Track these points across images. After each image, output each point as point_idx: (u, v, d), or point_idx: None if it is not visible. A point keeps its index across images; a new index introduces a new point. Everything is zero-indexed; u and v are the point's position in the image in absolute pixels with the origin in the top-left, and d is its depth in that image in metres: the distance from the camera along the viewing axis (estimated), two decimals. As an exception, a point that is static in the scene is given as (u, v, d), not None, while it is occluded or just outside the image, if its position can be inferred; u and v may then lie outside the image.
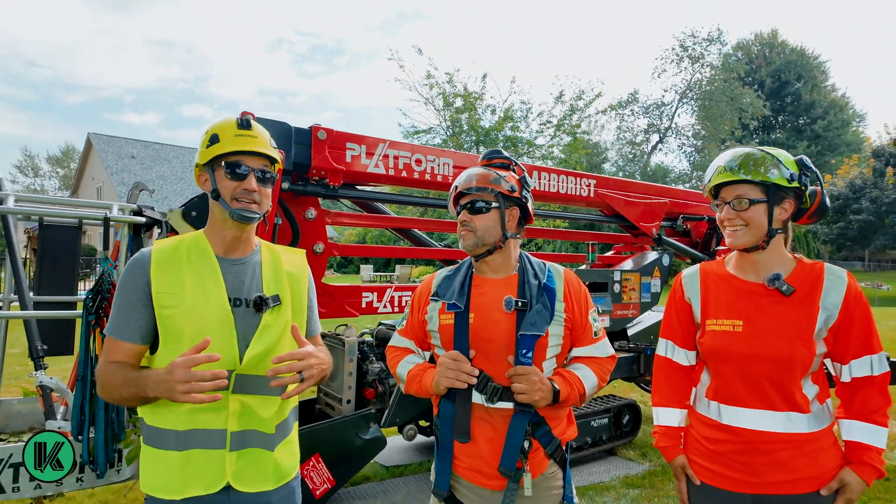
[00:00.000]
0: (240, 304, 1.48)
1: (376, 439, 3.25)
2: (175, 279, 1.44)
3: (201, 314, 1.42)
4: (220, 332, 1.42)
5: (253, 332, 1.48)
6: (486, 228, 1.70)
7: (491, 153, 1.88)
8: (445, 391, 1.65)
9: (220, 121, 1.54)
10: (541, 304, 1.66)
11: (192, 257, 1.48)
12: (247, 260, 1.56)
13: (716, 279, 1.71)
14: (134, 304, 1.42)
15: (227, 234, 1.52)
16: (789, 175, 1.55)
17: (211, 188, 1.49)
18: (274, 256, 1.62)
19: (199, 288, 1.44)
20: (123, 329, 1.42)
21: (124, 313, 1.43)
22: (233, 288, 1.49)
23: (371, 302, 3.62)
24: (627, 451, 4.49)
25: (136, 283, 1.43)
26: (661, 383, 1.81)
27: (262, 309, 1.49)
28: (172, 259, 1.46)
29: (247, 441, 1.45)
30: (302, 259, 1.71)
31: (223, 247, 1.53)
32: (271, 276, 1.57)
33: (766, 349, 1.54)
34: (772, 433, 1.54)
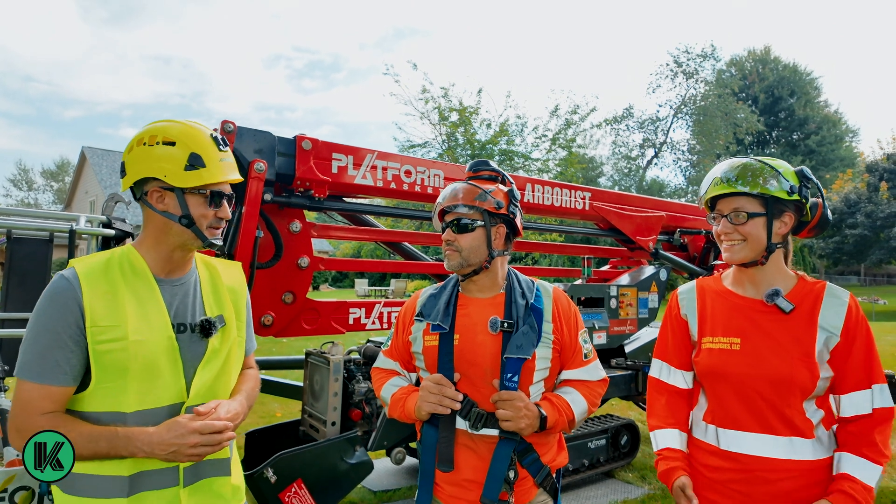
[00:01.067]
0: (184, 330, 1.36)
1: (363, 463, 3.10)
2: (113, 307, 1.26)
3: (146, 345, 1.27)
4: (166, 363, 1.31)
5: (199, 359, 1.37)
6: (472, 248, 1.60)
7: (477, 164, 1.78)
8: (428, 416, 1.54)
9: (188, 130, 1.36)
10: (527, 325, 1.56)
11: (127, 279, 1.31)
12: (186, 279, 1.43)
13: (713, 295, 1.61)
14: (64, 341, 1.22)
15: (176, 256, 1.39)
16: (789, 187, 1.45)
17: (180, 213, 1.33)
18: (212, 272, 1.50)
19: (140, 316, 1.29)
20: (54, 372, 1.22)
21: (52, 353, 1.22)
22: (175, 313, 1.36)
23: (359, 318, 3.49)
24: (626, 474, 4.32)
25: (65, 318, 1.23)
26: (655, 406, 1.69)
27: (210, 333, 1.38)
28: (105, 282, 1.28)
29: (200, 472, 1.36)
30: (239, 272, 1.60)
31: (166, 268, 1.39)
32: (212, 295, 1.46)
33: (764, 369, 1.43)
34: (773, 460, 1.42)
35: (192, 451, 1.25)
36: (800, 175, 1.50)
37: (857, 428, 1.42)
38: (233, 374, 1.46)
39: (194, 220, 1.35)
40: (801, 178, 1.49)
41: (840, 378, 1.43)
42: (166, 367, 1.31)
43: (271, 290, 3.00)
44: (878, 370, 1.43)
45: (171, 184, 1.32)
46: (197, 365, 1.36)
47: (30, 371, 1.22)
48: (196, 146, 1.34)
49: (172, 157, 1.32)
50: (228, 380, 1.45)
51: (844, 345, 1.41)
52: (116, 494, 1.25)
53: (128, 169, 1.35)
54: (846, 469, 1.40)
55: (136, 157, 1.34)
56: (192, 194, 1.34)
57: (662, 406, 1.66)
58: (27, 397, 1.22)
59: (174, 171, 1.31)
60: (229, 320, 1.45)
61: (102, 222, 2.56)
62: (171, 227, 1.35)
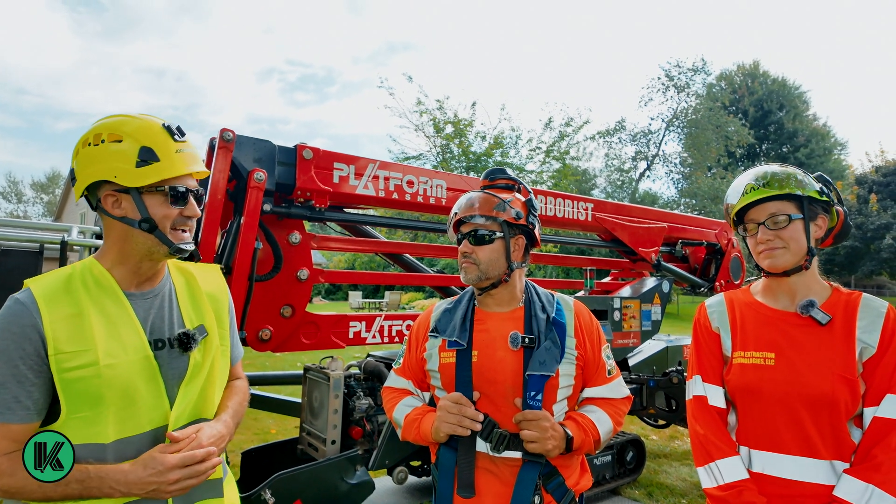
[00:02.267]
0: (162, 346, 1.24)
1: (364, 483, 2.98)
2: (79, 330, 1.13)
3: (121, 368, 1.15)
4: (144, 385, 1.18)
5: (181, 377, 1.25)
6: (490, 261, 1.53)
7: (493, 172, 1.70)
8: (446, 438, 1.45)
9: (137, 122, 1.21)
10: (550, 340, 1.48)
11: (93, 297, 1.17)
12: (159, 290, 1.29)
13: (742, 307, 1.53)
14: (23, 373, 1.09)
15: (145, 266, 1.25)
16: (819, 188, 1.41)
17: (139, 216, 1.19)
18: (188, 278, 1.37)
19: (111, 336, 1.16)
20: (12, 408, 1.09)
21: (9, 387, 1.09)
22: (151, 328, 1.24)
23: (359, 332, 3.39)
24: (632, 491, 4.22)
25: (22, 348, 1.09)
26: (710, 429, 1.47)
27: (190, 347, 1.25)
28: (67, 303, 1.14)
29: (192, 497, 1.24)
30: (218, 275, 1.46)
31: (134, 281, 1.25)
32: (190, 303, 1.33)
33: (802, 386, 1.34)
34: (814, 485, 1.32)
35: (174, 486, 1.15)
36: (820, 179, 1.48)
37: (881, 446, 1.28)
38: (218, 388, 1.34)
39: (156, 222, 1.20)
40: (822, 181, 1.47)
41: (870, 386, 1.34)
42: (145, 389, 1.18)
43: (270, 303, 2.90)
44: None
45: (124, 184, 1.17)
46: (180, 383, 1.24)
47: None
48: (146, 139, 1.19)
49: (121, 153, 1.17)
50: (214, 395, 1.33)
51: (878, 356, 1.33)
52: None
53: (77, 175, 1.21)
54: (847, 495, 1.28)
55: (84, 160, 1.20)
56: (149, 193, 1.20)
57: (719, 430, 1.47)
58: None
59: (125, 170, 1.17)
60: (211, 330, 1.32)
61: (95, 233, 2.45)
62: (133, 234, 1.21)
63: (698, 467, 1.48)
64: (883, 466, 1.26)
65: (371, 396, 3.30)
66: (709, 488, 1.43)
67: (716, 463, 1.43)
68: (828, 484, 1.32)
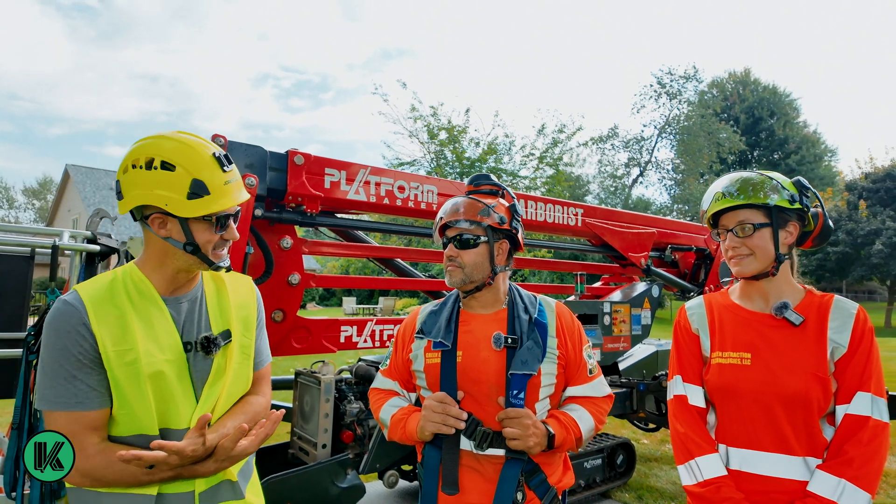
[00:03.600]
0: (190, 349, 1.32)
1: (355, 487, 2.99)
2: (123, 331, 1.22)
3: (158, 366, 1.24)
4: (178, 383, 1.27)
5: (205, 379, 1.33)
6: (475, 264, 1.57)
7: (478, 178, 1.75)
8: (431, 437, 1.48)
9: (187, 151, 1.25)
10: (532, 340, 1.52)
11: (134, 301, 1.26)
12: (191, 295, 1.38)
13: (721, 309, 1.57)
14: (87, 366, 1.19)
15: (181, 276, 1.35)
16: (790, 196, 1.46)
17: (184, 240, 1.27)
18: (218, 286, 1.45)
19: (150, 337, 1.25)
20: (90, 396, 1.19)
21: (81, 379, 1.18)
22: (183, 330, 1.32)
23: (350, 336, 3.41)
24: (623, 494, 4.25)
25: (79, 344, 1.19)
26: (691, 428, 1.51)
27: (212, 350, 1.33)
28: (112, 306, 1.23)
29: (216, 497, 1.32)
30: (249, 284, 1.54)
31: (170, 287, 1.34)
32: (217, 309, 1.40)
33: (778, 386, 1.39)
34: (788, 480, 1.36)
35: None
36: (797, 185, 1.51)
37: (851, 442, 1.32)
38: (237, 393, 1.41)
39: (200, 247, 1.29)
40: (798, 187, 1.50)
41: (840, 385, 1.38)
42: (178, 387, 1.27)
43: (261, 307, 2.92)
44: (879, 383, 1.36)
45: (175, 213, 1.25)
46: (204, 385, 1.32)
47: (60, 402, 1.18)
48: (197, 171, 1.24)
49: (172, 184, 1.22)
50: (234, 399, 1.40)
51: (848, 355, 1.38)
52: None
53: (124, 193, 1.27)
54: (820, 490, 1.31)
55: (133, 182, 1.25)
56: (196, 221, 1.28)
57: (699, 428, 1.51)
58: (67, 431, 1.16)
59: (176, 200, 1.23)
60: (235, 335, 1.38)
61: (87, 238, 2.46)
62: (174, 252, 1.30)
63: (679, 465, 1.51)
64: (854, 462, 1.30)
65: (362, 400, 3.31)
66: (689, 485, 1.47)
67: (695, 460, 1.46)
68: (802, 480, 1.36)
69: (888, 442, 1.34)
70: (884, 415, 1.34)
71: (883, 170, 26.90)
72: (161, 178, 1.22)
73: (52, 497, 2.03)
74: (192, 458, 1.20)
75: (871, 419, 1.33)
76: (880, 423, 1.33)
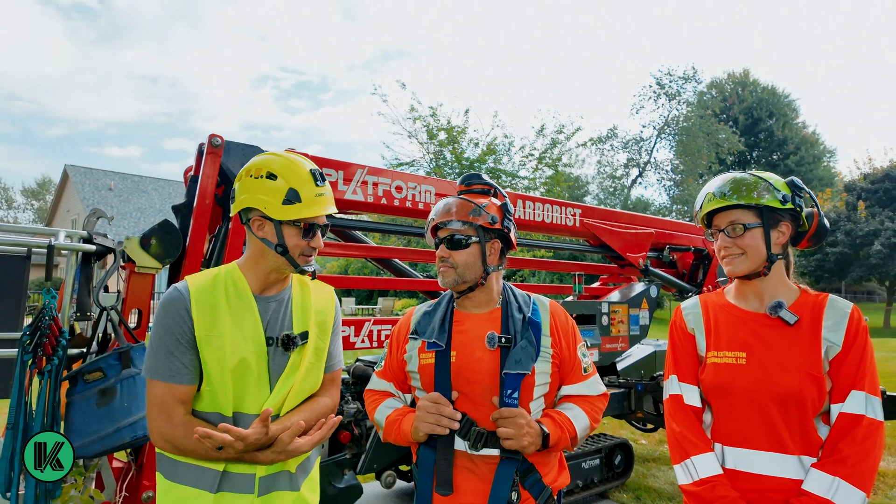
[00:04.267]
0: (272, 344, 1.46)
1: (352, 488, 2.99)
2: (214, 320, 1.40)
3: (240, 353, 1.39)
4: (256, 372, 1.42)
5: (281, 373, 1.46)
6: (467, 265, 1.57)
7: (469, 178, 1.75)
8: (425, 438, 1.48)
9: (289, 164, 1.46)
10: (525, 339, 1.51)
11: (229, 295, 1.45)
12: (280, 296, 1.53)
13: (716, 309, 1.58)
14: (184, 345, 1.37)
15: (273, 277, 1.51)
16: (782, 196, 1.46)
17: (276, 241, 1.45)
18: (304, 291, 1.59)
19: (237, 328, 1.41)
20: (182, 372, 1.37)
21: (177, 356, 1.37)
22: (268, 326, 1.47)
23: (347, 336, 3.40)
24: (620, 494, 4.25)
25: (180, 326, 1.37)
26: (686, 427, 1.51)
27: (290, 348, 1.46)
28: (210, 296, 1.42)
29: (274, 485, 1.43)
30: (330, 293, 1.68)
31: (262, 286, 1.50)
32: (300, 312, 1.54)
33: (772, 384, 1.39)
34: (782, 479, 1.36)
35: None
36: (791, 185, 1.52)
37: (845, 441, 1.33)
38: (307, 390, 1.53)
39: (288, 249, 1.46)
40: (792, 187, 1.51)
41: (835, 383, 1.38)
42: (256, 376, 1.41)
43: (258, 307, 2.91)
44: (873, 382, 1.37)
45: (270, 216, 1.43)
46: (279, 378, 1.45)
47: (159, 373, 1.36)
48: (295, 181, 1.44)
49: (272, 190, 1.43)
50: (303, 396, 1.52)
51: (842, 354, 1.38)
52: (207, 487, 1.35)
53: (237, 196, 1.49)
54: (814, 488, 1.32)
55: (244, 188, 1.46)
56: (287, 225, 1.45)
57: (694, 427, 1.51)
58: (161, 399, 1.36)
59: (273, 205, 1.42)
60: (311, 337, 1.52)
61: (83, 237, 2.45)
62: (268, 252, 1.47)
63: (675, 464, 1.51)
64: (849, 460, 1.30)
65: (359, 401, 3.31)
66: (684, 484, 1.47)
67: (691, 459, 1.46)
68: (796, 478, 1.36)
69: (883, 440, 1.34)
70: (878, 413, 1.35)
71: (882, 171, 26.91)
72: (265, 185, 1.43)
73: (46, 497, 2.02)
74: (255, 446, 1.33)
75: (865, 417, 1.33)
76: (874, 421, 1.33)
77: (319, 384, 1.56)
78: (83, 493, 2.24)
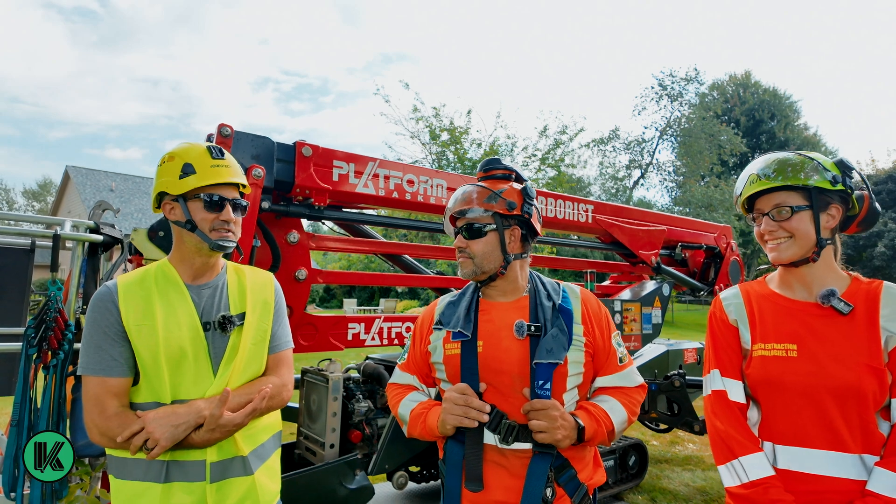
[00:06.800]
0: (209, 328, 1.46)
1: (363, 488, 2.90)
2: (145, 310, 1.40)
3: (175, 340, 1.39)
4: (194, 357, 1.41)
5: (222, 355, 1.46)
6: (485, 254, 1.50)
7: (489, 163, 1.67)
8: (453, 431, 1.40)
9: (187, 146, 1.51)
10: (556, 327, 1.44)
11: (159, 286, 1.46)
12: (213, 283, 1.54)
13: (759, 299, 1.48)
14: (112, 338, 1.38)
15: (197, 261, 1.51)
16: (832, 177, 1.36)
17: (184, 219, 1.47)
18: (240, 276, 1.61)
19: (170, 316, 1.42)
20: (111, 365, 1.37)
21: (105, 349, 1.37)
22: (203, 312, 1.47)
23: (358, 334, 3.32)
24: (635, 496, 4.16)
25: (107, 319, 1.38)
26: (730, 425, 1.41)
27: (228, 329, 1.47)
28: (139, 290, 1.43)
29: (227, 471, 1.42)
30: (268, 276, 1.67)
31: (191, 274, 1.51)
32: (237, 294, 1.55)
33: (827, 378, 1.29)
34: (844, 480, 1.27)
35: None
36: (840, 165, 1.42)
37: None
38: (250, 370, 1.52)
39: (196, 224, 1.47)
40: (841, 168, 1.41)
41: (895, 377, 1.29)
42: (194, 361, 1.40)
43: (268, 303, 2.83)
44: None
45: (171, 192, 1.47)
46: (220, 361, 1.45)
47: (91, 365, 1.36)
48: (188, 157, 1.48)
49: (171, 170, 1.48)
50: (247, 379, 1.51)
51: None
52: (154, 478, 1.35)
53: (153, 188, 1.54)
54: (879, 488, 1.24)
55: (155, 177, 1.53)
56: (191, 200, 1.47)
57: (741, 425, 1.41)
58: (94, 393, 1.35)
59: (172, 182, 1.47)
60: (250, 318, 1.51)
61: (90, 227, 2.38)
62: (183, 233, 1.49)
63: (719, 465, 1.41)
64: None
65: (370, 399, 3.23)
66: (731, 487, 1.37)
67: (738, 460, 1.37)
68: (858, 479, 1.27)
69: None
70: None
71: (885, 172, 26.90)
72: (165, 167, 1.49)
73: (53, 497, 1.94)
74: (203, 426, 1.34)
75: None
76: None
77: (264, 367, 1.56)
78: (89, 493, 2.17)
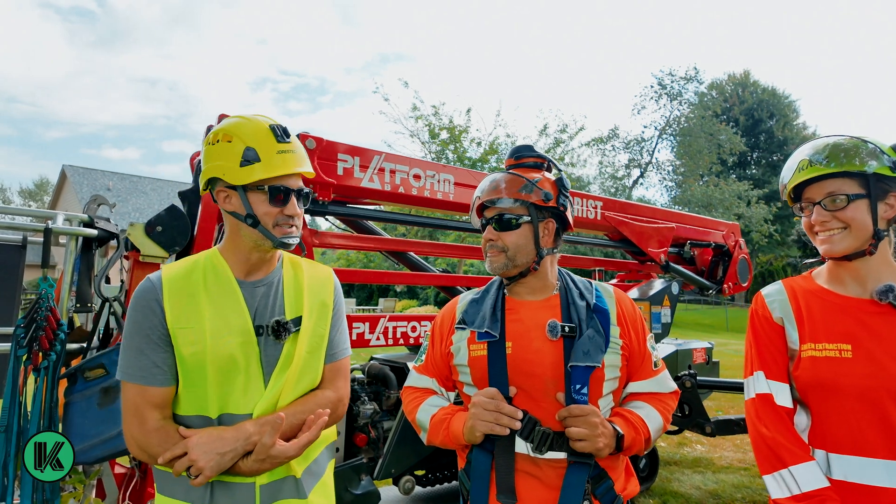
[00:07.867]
0: (262, 333, 1.30)
1: (369, 494, 2.81)
2: (191, 310, 1.24)
3: (224, 347, 1.23)
4: (245, 367, 1.25)
5: (275, 365, 1.29)
6: (518, 247, 1.39)
7: (520, 150, 1.56)
8: (482, 439, 1.30)
9: (245, 122, 1.30)
10: (592, 328, 1.33)
11: (208, 283, 1.29)
12: (268, 280, 1.37)
13: (806, 295, 1.37)
14: (155, 342, 1.22)
15: (254, 256, 1.34)
16: (892, 163, 1.25)
17: (244, 212, 1.29)
18: (297, 272, 1.42)
19: (219, 318, 1.25)
20: (153, 372, 1.21)
21: (147, 355, 1.21)
22: (255, 314, 1.31)
23: (362, 333, 3.21)
24: (646, 500, 4.06)
25: (150, 321, 1.22)
26: (778, 431, 1.30)
27: (282, 336, 1.30)
28: (186, 284, 1.27)
29: (279, 493, 1.27)
30: (328, 274, 1.49)
31: (245, 269, 1.34)
32: (292, 295, 1.37)
33: (889, 380, 1.19)
34: None
35: None
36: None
37: None
38: (307, 384, 1.35)
39: (258, 219, 1.29)
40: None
41: None
42: (245, 370, 1.25)
43: (270, 301, 2.72)
44: None
45: (230, 182, 1.28)
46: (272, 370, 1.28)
47: (129, 373, 1.22)
48: (250, 139, 1.28)
49: (229, 153, 1.27)
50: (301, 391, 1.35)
51: None
52: (197, 500, 1.22)
53: (202, 171, 1.33)
54: None
55: (204, 158, 1.32)
56: (253, 192, 1.29)
57: (789, 432, 1.31)
58: (133, 402, 1.21)
59: (231, 169, 1.27)
60: (307, 322, 1.34)
61: (84, 221, 2.26)
62: (241, 227, 1.31)
63: (766, 475, 1.30)
64: None
65: (376, 401, 3.13)
66: (780, 498, 1.25)
67: (788, 469, 1.25)
68: None
69: None
70: None
71: (884, 171, 26.83)
72: (221, 150, 1.28)
73: (43, 507, 1.83)
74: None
75: None
76: None
77: (319, 377, 1.39)
78: (83, 502, 2.05)
